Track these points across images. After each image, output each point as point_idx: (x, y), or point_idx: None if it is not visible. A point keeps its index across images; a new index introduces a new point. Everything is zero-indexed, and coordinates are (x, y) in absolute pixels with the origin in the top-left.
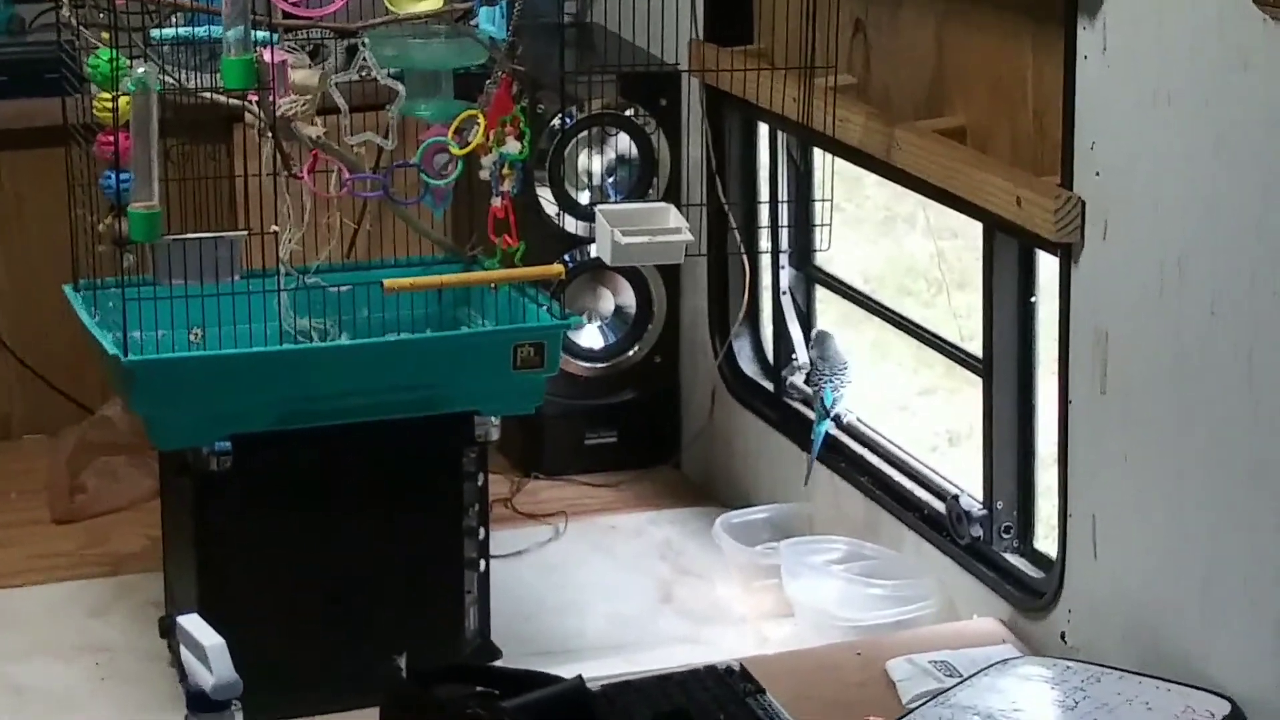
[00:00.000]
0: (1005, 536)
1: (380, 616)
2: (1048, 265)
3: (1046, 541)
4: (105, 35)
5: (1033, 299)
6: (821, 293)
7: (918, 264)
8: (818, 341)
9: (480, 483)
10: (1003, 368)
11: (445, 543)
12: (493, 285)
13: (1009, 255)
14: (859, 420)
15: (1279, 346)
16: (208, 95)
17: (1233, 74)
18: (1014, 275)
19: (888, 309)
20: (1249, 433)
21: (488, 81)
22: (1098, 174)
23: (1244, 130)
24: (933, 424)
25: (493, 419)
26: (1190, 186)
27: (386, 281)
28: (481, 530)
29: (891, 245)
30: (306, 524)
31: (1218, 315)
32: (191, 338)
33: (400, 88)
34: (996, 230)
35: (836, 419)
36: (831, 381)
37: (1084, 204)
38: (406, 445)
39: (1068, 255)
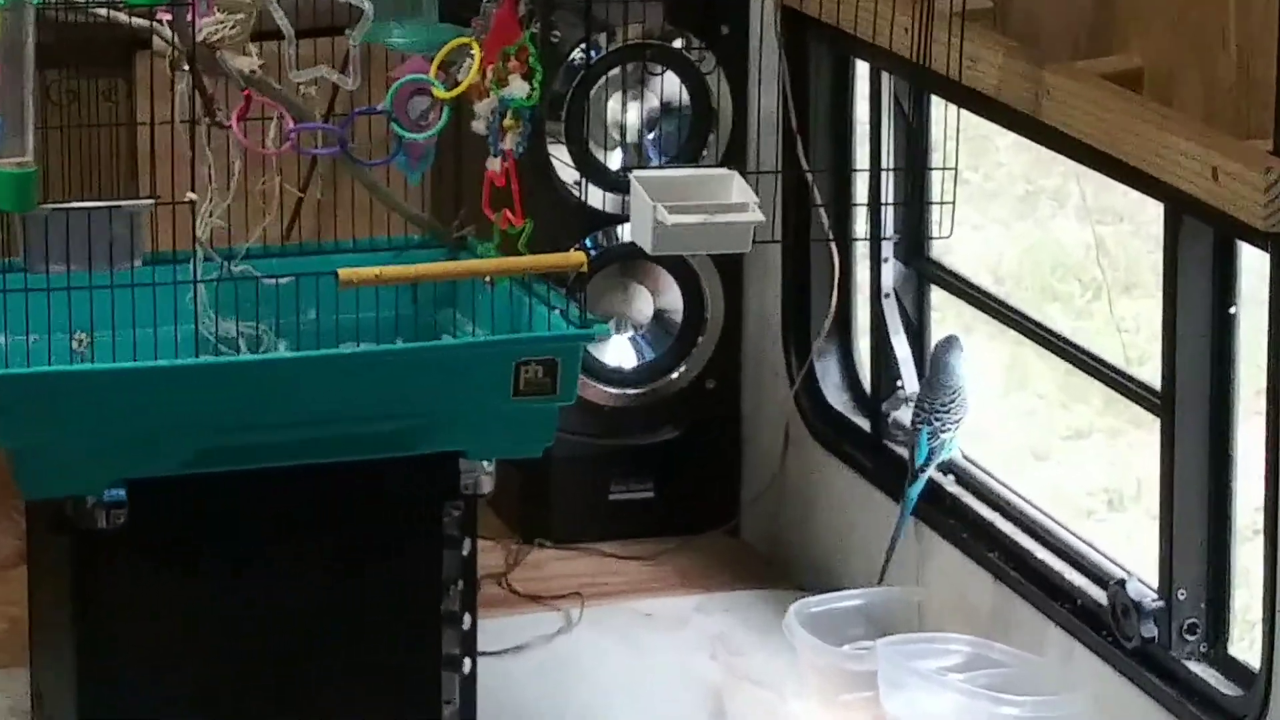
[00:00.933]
0: (1189, 638)
1: None
2: (1254, 263)
3: (1244, 645)
4: None
5: (1232, 309)
6: (938, 295)
7: (1069, 257)
8: (937, 353)
9: (466, 551)
10: (1188, 403)
11: (417, 634)
12: (488, 279)
13: (1200, 248)
14: (987, 473)
15: None
16: (103, 13)
17: None
18: (1206, 276)
19: (1027, 319)
20: None
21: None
22: None
23: None
24: (1088, 480)
25: (484, 464)
26: None
27: (342, 272)
28: (466, 617)
29: (1033, 230)
30: (226, 604)
31: None
32: (75, 345)
33: (366, 5)
34: (1183, 213)
35: (944, 466)
36: (931, 422)
37: None
38: (365, 499)
39: None
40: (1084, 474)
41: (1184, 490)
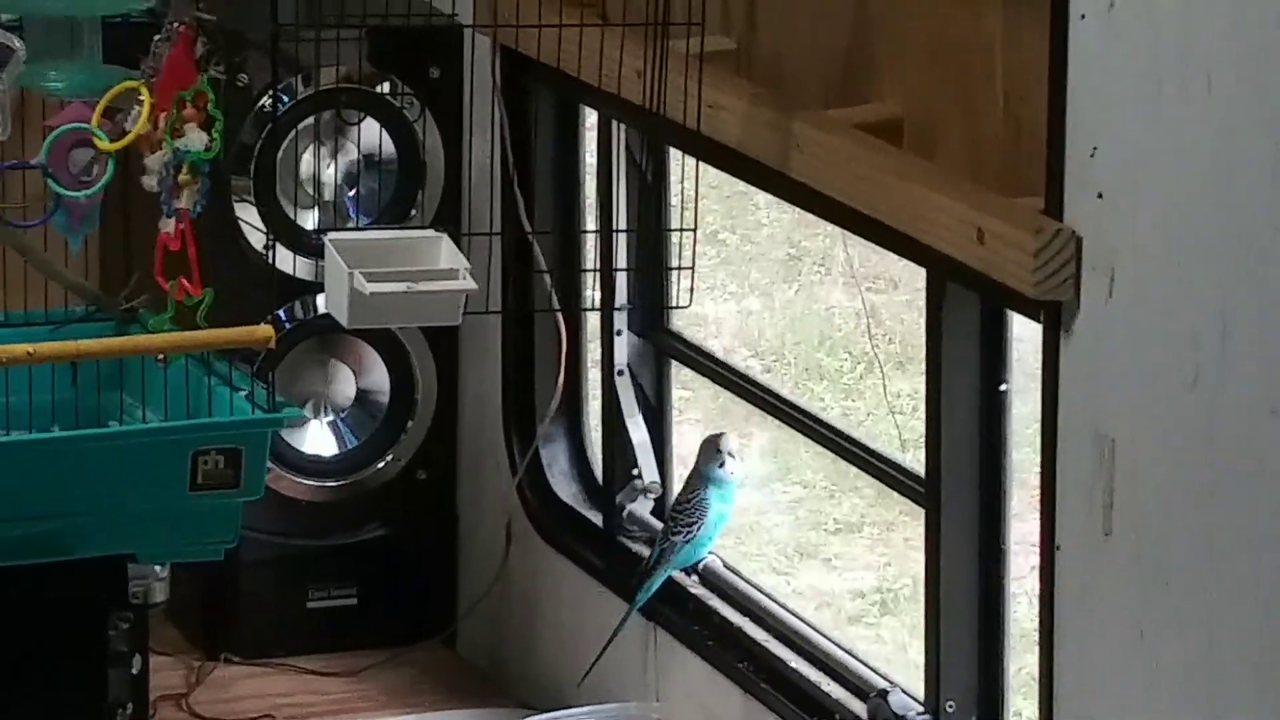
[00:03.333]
0: None
1: None
2: (1025, 335)
3: None
4: None
5: (1002, 387)
6: (682, 373)
7: (837, 329)
8: (699, 452)
9: (135, 669)
10: (955, 492)
11: None
12: (161, 357)
13: (966, 319)
14: (737, 574)
15: None
16: None
17: None
18: (973, 350)
19: (785, 401)
20: None
21: (157, 37)
22: (1100, 195)
23: None
24: (857, 579)
25: (157, 569)
26: (1239, 218)
27: None
28: None
29: (800, 300)
30: None
31: None
32: None
33: (17, 44)
34: (947, 280)
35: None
36: (666, 523)
37: (1079, 242)
38: (16, 611)
39: (1055, 321)
40: (855, 573)
41: (951, 590)
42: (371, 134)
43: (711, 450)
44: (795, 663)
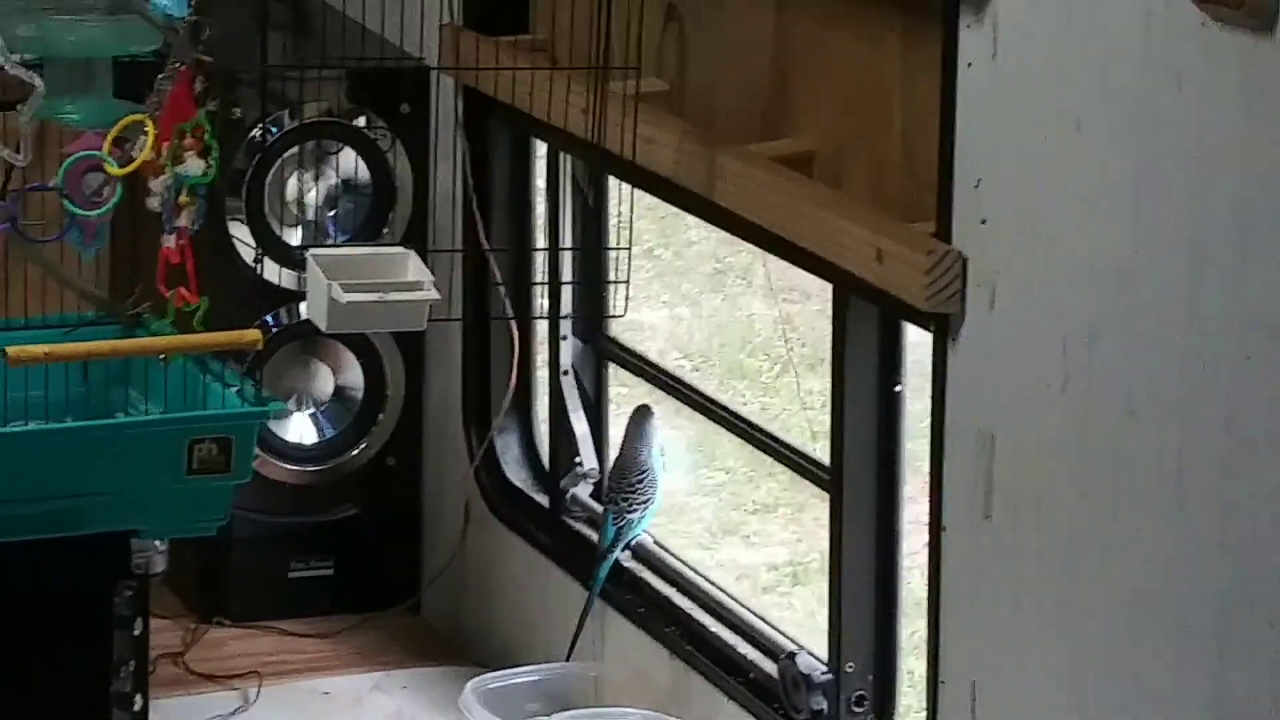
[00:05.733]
0: (857, 710)
1: None
2: (918, 343)
3: (915, 717)
4: None
5: (897, 388)
6: (619, 373)
7: (757, 334)
8: (629, 427)
9: (137, 631)
10: (856, 480)
11: (87, 716)
12: (162, 357)
13: (866, 328)
14: (666, 550)
15: (1217, 455)
16: None
17: (1161, 93)
18: (873, 355)
19: (707, 398)
20: (1182, 570)
21: (160, 75)
22: (984, 221)
23: (1174, 168)
24: (772, 554)
25: (157, 543)
26: (1105, 241)
27: (10, 350)
28: (139, 699)
29: (724, 308)
30: None
31: (1138, 415)
32: None
33: (38, 81)
34: (850, 293)
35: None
36: (618, 502)
37: (965, 261)
38: (33, 579)
39: (944, 330)
40: (769, 548)
41: (852, 565)
42: (349, 162)
43: (648, 419)
44: (716, 628)
